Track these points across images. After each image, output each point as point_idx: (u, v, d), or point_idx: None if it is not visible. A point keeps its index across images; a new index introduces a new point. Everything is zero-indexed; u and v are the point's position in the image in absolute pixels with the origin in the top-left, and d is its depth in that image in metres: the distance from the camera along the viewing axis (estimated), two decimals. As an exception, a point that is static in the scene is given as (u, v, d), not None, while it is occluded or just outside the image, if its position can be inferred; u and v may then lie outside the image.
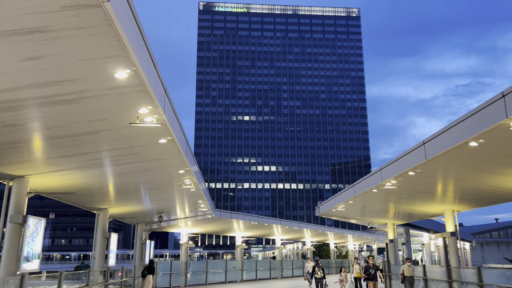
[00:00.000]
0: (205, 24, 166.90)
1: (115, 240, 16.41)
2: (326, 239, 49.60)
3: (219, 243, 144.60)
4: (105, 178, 11.66)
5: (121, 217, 18.94)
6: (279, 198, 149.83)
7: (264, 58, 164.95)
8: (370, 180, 15.15)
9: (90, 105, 6.57)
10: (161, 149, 9.49)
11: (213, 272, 29.92)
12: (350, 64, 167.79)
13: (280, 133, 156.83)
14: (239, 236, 35.56)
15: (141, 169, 11.10)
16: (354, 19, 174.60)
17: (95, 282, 15.70)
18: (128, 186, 13.33)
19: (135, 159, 10.06)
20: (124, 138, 8.31)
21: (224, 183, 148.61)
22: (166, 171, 12.05)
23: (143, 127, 7.72)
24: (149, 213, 20.13)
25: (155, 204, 17.59)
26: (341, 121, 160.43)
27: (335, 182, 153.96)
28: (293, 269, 38.23)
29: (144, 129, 7.92)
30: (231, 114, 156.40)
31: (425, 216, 19.57)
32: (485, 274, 14.36)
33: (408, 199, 16.31)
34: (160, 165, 11.06)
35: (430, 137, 10.70)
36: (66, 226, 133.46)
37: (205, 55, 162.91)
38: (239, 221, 28.65)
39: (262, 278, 34.09)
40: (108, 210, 16.55)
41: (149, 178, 12.54)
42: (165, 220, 24.41)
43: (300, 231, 39.82)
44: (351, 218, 24.21)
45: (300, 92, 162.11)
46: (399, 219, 22.21)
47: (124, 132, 7.95)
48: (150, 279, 17.96)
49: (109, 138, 8.21)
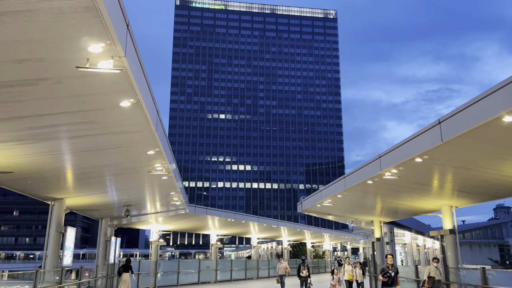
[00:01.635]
0: (182, 20, 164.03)
1: (72, 236, 14.18)
2: (303, 238, 48.13)
3: (191, 242, 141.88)
4: (56, 157, 9.51)
5: (81, 210, 16.57)
6: (254, 198, 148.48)
7: (241, 56, 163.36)
8: (365, 170, 13.50)
9: (14, 30, 4.52)
10: (123, 116, 7.48)
11: (185, 273, 27.88)
12: (327, 65, 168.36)
13: (255, 132, 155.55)
14: (214, 234, 33.50)
15: (100, 145, 9.02)
16: (331, 21, 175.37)
17: (49, 282, 13.49)
18: (86, 170, 11.18)
19: (91, 131, 8.00)
20: (72, 95, 6.27)
21: (198, 182, 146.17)
22: (132, 151, 9.99)
23: (96, 78, 5.72)
24: (115, 206, 17.87)
25: (121, 194, 15.41)
26: (316, 122, 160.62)
27: (309, 183, 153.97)
28: (269, 269, 36.62)
29: (98, 82, 5.92)
30: (207, 112, 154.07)
31: (420, 213, 18.20)
32: (490, 276, 13.02)
33: (405, 193, 14.77)
34: (124, 141, 9.02)
35: (448, 114, 9.11)
36: (31, 224, 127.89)
37: (181, 51, 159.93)
38: (214, 218, 26.64)
39: (237, 279, 32.29)
40: (65, 200, 14.28)
41: (112, 159, 10.44)
42: (133, 215, 22.14)
43: (278, 230, 38.13)
44: (336, 215, 22.63)
45: (276, 92, 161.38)
46: (388, 216, 20.78)
47: (71, 84, 5.92)
48: (126, 278, 17.48)
49: (51, 94, 6.13)
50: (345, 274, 16.22)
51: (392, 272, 11.20)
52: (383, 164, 12.23)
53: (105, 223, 20.72)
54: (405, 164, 11.36)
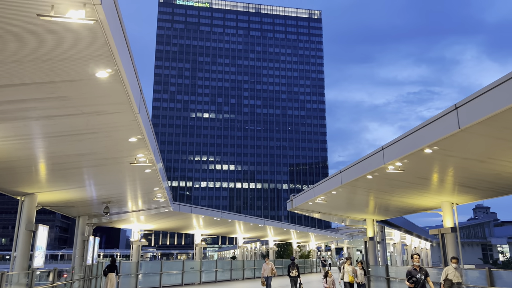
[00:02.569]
0: (165, 17, 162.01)
1: (44, 235, 12.84)
2: (289, 238, 47.22)
3: (174, 242, 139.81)
4: (23, 143, 8.25)
5: (55, 206, 15.18)
6: (237, 198, 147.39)
7: (226, 55, 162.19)
8: (366, 163, 12.56)
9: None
10: (100, 92, 6.31)
11: (168, 274, 26.62)
12: (311, 65, 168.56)
13: (239, 132, 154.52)
14: (198, 233, 32.24)
15: (74, 129, 7.80)
16: (315, 21, 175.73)
17: (18, 285, 12.15)
18: (60, 160, 9.90)
19: (62, 110, 6.79)
20: (35, 58, 5.07)
21: (181, 182, 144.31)
22: (112, 138, 8.79)
23: (64, 35, 4.56)
24: (93, 202, 16.53)
25: (100, 190, 14.11)
26: (300, 122, 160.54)
27: (293, 183, 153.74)
28: (255, 270, 35.61)
29: (67, 41, 4.76)
30: (190, 111, 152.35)
31: (418, 211, 17.42)
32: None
33: (405, 188, 13.89)
34: (102, 124, 7.82)
35: (467, 99, 8.20)
36: (7, 223, 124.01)
37: (164, 49, 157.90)
38: (199, 217, 25.44)
39: (222, 280, 31.17)
40: (36, 195, 12.92)
41: (88, 147, 9.21)
42: (113, 213, 20.77)
43: (264, 229, 37.12)
44: (326, 213, 21.73)
45: (261, 91, 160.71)
46: (382, 214, 19.96)
47: (32, 43, 4.74)
48: (112, 277, 17.44)
49: (7, 56, 4.93)
50: (344, 275, 14.89)
51: (421, 275, 9.68)
52: (387, 156, 11.31)
53: (82, 221, 19.31)
54: (412, 156, 10.45)
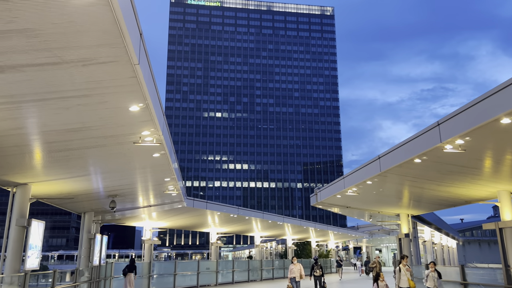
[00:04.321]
0: (177, 17, 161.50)
1: (40, 231, 11.09)
2: (307, 237, 45.15)
3: (188, 242, 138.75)
4: (4, 110, 6.48)
5: (52, 199, 13.38)
6: (251, 197, 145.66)
7: (238, 54, 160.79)
8: (414, 144, 10.53)
9: None
10: (80, 22, 4.47)
11: (183, 275, 24.87)
12: (324, 63, 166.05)
13: (252, 131, 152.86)
14: (214, 232, 30.40)
15: (55, 88, 5.98)
16: (328, 18, 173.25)
17: None
18: (48, 137, 8.12)
19: (32, 54, 4.97)
20: None
21: (194, 181, 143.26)
22: (107, 105, 6.93)
23: None
24: (97, 196, 14.78)
25: (104, 180, 12.33)
26: (314, 120, 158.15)
27: (307, 181, 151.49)
28: (274, 270, 33.67)
29: None
30: (203, 110, 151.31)
31: (467, 202, 15.22)
32: None
33: (458, 174, 11.78)
34: (91, 81, 5.96)
35: None
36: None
37: (176, 49, 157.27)
38: (215, 213, 23.61)
39: (239, 281, 29.32)
40: (30, 186, 11.21)
41: (79, 118, 7.36)
42: (122, 209, 19.04)
43: (282, 227, 35.15)
44: (355, 208, 19.65)
45: (273, 90, 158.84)
46: (420, 208, 17.78)
47: None
48: (131, 277, 18.31)
49: None
50: (401, 279, 11.56)
51: None
52: (445, 133, 9.26)
53: (88, 218, 17.61)
54: (480, 131, 8.40)
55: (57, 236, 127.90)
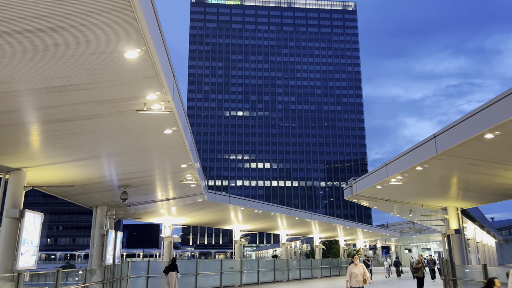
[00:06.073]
0: (198, 17, 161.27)
1: (37, 225, 9.51)
2: (335, 236, 42.91)
3: (211, 242, 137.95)
4: None
5: (52, 187, 11.67)
6: (273, 196, 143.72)
7: (258, 52, 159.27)
8: (484, 115, 8.42)
9: None
10: None
11: (205, 275, 23.19)
12: (346, 59, 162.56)
13: (274, 129, 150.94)
14: (237, 229, 28.60)
15: (24, 18, 4.26)
16: (350, 13, 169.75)
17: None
18: (34, 100, 6.46)
19: None
20: None
21: (217, 181, 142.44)
22: (96, 48, 5.18)
23: None
24: (109, 186, 13.14)
25: (110, 165, 10.64)
26: (337, 117, 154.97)
27: (330, 180, 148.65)
28: (301, 270, 31.72)
29: None
30: (224, 110, 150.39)
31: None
32: None
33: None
34: (75, 13, 4.22)
35: None
36: (52, 224, 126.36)
37: (197, 49, 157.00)
38: (238, 209, 21.81)
39: (264, 282, 27.48)
40: (25, 172, 9.62)
41: (67, 70, 5.66)
42: (137, 203, 17.42)
43: (308, 225, 33.10)
44: (395, 201, 17.48)
45: (295, 87, 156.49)
46: (473, 200, 15.49)
47: None
48: (173, 275, 18.64)
49: None
50: None
51: None
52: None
53: (100, 212, 16.07)
54: None
55: (83, 235, 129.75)
